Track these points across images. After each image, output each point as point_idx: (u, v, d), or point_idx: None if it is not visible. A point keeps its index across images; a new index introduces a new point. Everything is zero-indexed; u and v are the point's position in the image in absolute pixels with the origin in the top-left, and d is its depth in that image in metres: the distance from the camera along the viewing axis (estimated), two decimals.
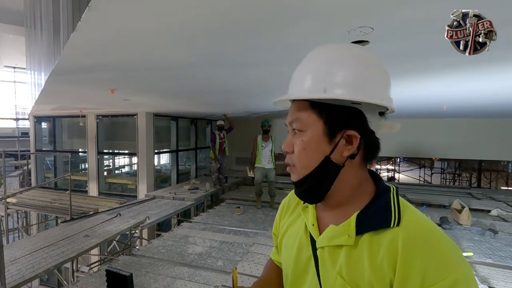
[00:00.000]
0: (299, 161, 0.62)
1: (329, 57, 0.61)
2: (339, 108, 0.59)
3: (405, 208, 0.58)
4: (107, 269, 1.62)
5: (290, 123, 0.65)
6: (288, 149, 0.65)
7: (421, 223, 0.55)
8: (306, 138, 0.61)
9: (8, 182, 9.15)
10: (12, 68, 14.70)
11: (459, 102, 4.61)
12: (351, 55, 0.61)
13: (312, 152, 0.61)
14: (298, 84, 0.63)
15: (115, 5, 1.34)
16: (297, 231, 0.72)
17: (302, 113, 0.62)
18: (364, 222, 0.58)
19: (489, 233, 3.93)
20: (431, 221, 0.57)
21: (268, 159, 5.41)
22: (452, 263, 0.50)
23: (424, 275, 0.49)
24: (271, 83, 3.28)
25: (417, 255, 0.50)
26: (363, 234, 0.57)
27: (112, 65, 2.53)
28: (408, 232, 0.53)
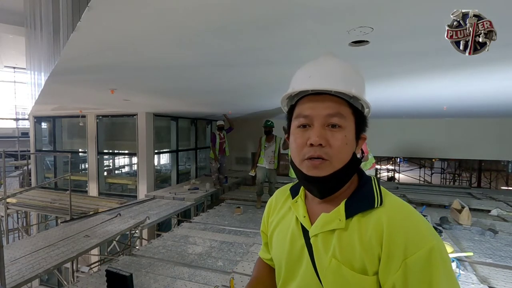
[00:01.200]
0: (339, 155, 0.65)
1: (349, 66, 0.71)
2: (361, 113, 0.70)
3: (385, 193, 0.67)
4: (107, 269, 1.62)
5: (328, 116, 0.65)
6: (324, 141, 0.64)
7: (400, 203, 0.65)
8: (347, 134, 0.66)
9: (8, 182, 9.15)
10: (12, 68, 14.70)
11: (459, 102, 4.61)
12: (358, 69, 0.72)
13: (349, 148, 0.67)
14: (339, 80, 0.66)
15: (115, 5, 1.34)
16: (288, 225, 0.76)
17: (344, 109, 0.66)
18: (352, 207, 0.66)
19: (489, 233, 3.93)
20: (407, 203, 0.67)
21: (270, 160, 5.42)
22: (428, 235, 0.59)
23: (406, 247, 0.57)
24: (271, 83, 3.28)
25: (399, 230, 0.59)
26: (353, 217, 0.65)
27: (112, 65, 2.52)
28: (390, 212, 0.62)
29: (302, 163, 0.67)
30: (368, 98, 0.70)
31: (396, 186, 7.81)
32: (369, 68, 2.54)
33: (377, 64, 2.39)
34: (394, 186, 7.84)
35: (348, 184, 0.69)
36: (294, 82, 0.72)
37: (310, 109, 0.66)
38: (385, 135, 8.22)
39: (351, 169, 0.67)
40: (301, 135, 0.67)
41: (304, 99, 0.69)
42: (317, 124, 0.65)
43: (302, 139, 0.67)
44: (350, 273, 0.62)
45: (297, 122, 0.69)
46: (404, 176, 15.72)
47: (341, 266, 0.63)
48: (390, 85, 3.33)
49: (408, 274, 0.57)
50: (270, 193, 5.54)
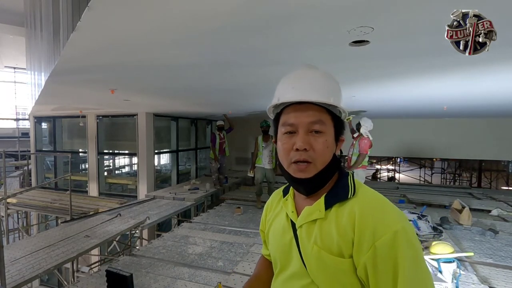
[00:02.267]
0: (321, 158, 0.74)
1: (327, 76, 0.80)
2: (339, 118, 0.79)
3: (359, 185, 0.75)
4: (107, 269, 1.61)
5: (310, 124, 0.74)
6: (308, 146, 0.73)
7: (371, 194, 0.73)
8: (328, 138, 0.75)
9: (8, 183, 9.17)
10: (12, 69, 14.72)
11: (459, 102, 4.61)
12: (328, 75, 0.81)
13: (330, 150, 0.76)
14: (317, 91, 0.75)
15: (115, 5, 1.34)
16: (280, 220, 0.86)
17: (324, 116, 0.75)
18: (330, 199, 0.74)
19: (490, 233, 3.93)
20: (379, 193, 0.74)
21: (268, 160, 5.42)
22: (394, 220, 0.66)
23: (374, 231, 0.65)
24: (271, 83, 3.28)
25: (369, 217, 0.66)
26: (331, 208, 0.73)
27: (112, 65, 2.53)
28: (362, 201, 0.71)
29: (289, 166, 0.76)
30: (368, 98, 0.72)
31: (396, 186, 7.81)
32: (369, 68, 2.54)
33: (377, 64, 2.39)
34: (394, 186, 7.84)
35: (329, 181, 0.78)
36: (279, 93, 0.80)
37: (295, 117, 0.75)
38: (385, 135, 8.22)
39: (332, 168, 0.77)
40: (288, 141, 0.76)
41: (289, 108, 0.77)
42: (301, 131, 0.74)
43: (289, 144, 0.75)
44: (329, 257, 0.70)
45: (284, 129, 0.77)
46: (404, 176, 15.72)
47: (321, 251, 0.71)
48: (390, 85, 3.33)
49: (376, 256, 0.63)
50: (269, 193, 5.52)
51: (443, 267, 2.59)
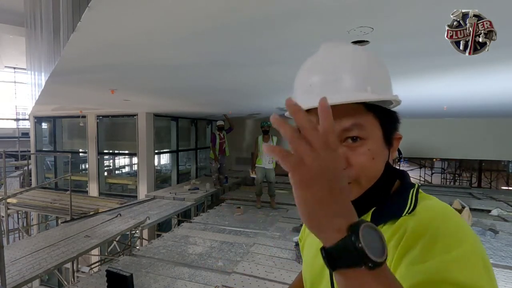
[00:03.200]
0: (368, 173, 0.53)
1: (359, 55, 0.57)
2: (388, 111, 0.58)
3: (422, 199, 0.55)
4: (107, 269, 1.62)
5: (342, 132, 0.53)
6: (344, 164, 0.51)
7: (438, 204, 0.53)
8: (372, 146, 0.53)
9: (9, 183, 9.16)
10: (13, 69, 14.73)
11: (459, 102, 4.61)
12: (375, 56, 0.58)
13: (380, 161, 0.55)
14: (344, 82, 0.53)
15: (115, 6, 1.34)
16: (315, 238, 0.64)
17: (362, 117, 0.53)
18: (379, 215, 0.54)
19: (490, 233, 3.93)
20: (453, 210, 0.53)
21: (269, 160, 5.42)
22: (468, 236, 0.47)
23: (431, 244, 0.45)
24: (271, 83, 3.28)
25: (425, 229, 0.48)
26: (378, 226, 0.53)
27: (112, 65, 2.53)
28: (419, 215, 0.51)
29: None
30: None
31: None
32: None
33: None
34: None
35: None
36: (295, 90, 0.60)
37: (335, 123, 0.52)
38: None
39: (386, 182, 0.56)
40: None
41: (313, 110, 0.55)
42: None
43: None
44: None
45: None
46: None
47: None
48: None
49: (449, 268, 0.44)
50: (270, 193, 5.54)
51: None
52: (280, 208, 5.56)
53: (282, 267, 3.11)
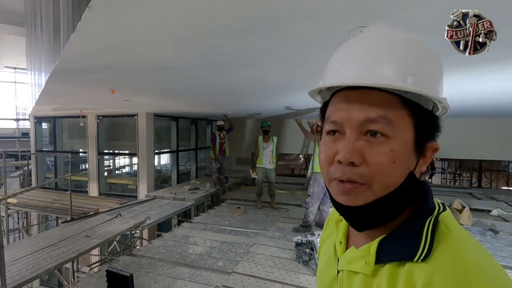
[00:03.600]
0: (381, 178, 0.45)
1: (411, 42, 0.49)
2: (430, 114, 0.48)
3: (443, 238, 0.43)
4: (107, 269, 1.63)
5: (365, 122, 0.46)
6: (357, 159, 0.45)
7: (458, 260, 0.40)
8: (397, 147, 0.45)
9: (9, 183, 9.18)
10: (13, 69, 14.73)
11: (459, 102, 4.61)
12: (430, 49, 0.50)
13: (401, 167, 0.46)
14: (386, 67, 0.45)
15: (115, 6, 1.34)
16: (329, 247, 0.62)
17: (393, 111, 0.45)
18: (387, 249, 0.46)
19: (490, 233, 3.93)
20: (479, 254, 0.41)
21: (269, 160, 5.42)
22: None
23: None
24: (271, 83, 3.28)
25: None
26: (385, 264, 0.46)
27: (112, 65, 2.53)
28: (436, 270, 0.40)
29: (330, 183, 0.49)
30: None
31: None
32: None
33: None
34: None
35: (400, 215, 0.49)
36: (327, 71, 0.53)
37: (342, 110, 0.48)
38: None
39: (404, 196, 0.47)
40: (330, 146, 0.49)
41: (339, 94, 0.49)
42: (349, 132, 0.47)
43: (330, 150, 0.48)
44: None
45: (327, 127, 0.50)
46: None
47: None
48: None
49: None
50: (270, 193, 5.54)
51: None
52: (280, 208, 5.56)
53: (282, 267, 3.11)
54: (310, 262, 3.09)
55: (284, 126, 8.99)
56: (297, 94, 4.02)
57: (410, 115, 0.46)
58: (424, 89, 0.45)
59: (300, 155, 14.92)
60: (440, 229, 0.44)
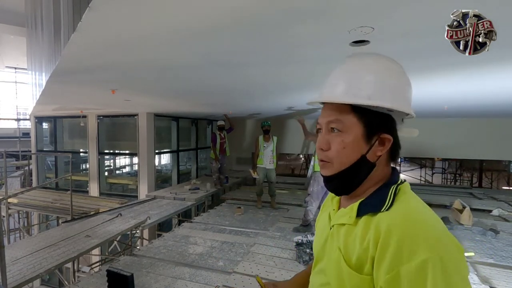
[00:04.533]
0: (337, 158, 0.69)
1: (369, 68, 0.70)
2: (376, 114, 0.68)
3: (401, 197, 0.66)
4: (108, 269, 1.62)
5: (328, 123, 0.71)
6: (324, 146, 0.71)
7: (408, 210, 0.62)
8: (347, 138, 0.68)
9: (9, 183, 9.18)
10: (13, 69, 14.73)
11: (460, 102, 4.60)
12: (386, 67, 0.72)
13: (350, 151, 0.68)
14: (338, 88, 0.70)
15: (116, 6, 1.34)
16: (326, 216, 0.83)
17: (344, 115, 0.69)
18: (364, 207, 0.68)
19: (491, 233, 3.93)
20: (426, 210, 0.63)
21: (270, 160, 5.43)
22: (423, 247, 0.55)
23: (398, 254, 0.56)
24: (271, 83, 3.28)
25: (394, 238, 0.57)
26: (362, 217, 0.67)
27: (112, 66, 2.53)
28: (393, 217, 0.61)
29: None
30: None
31: None
32: None
33: None
34: None
35: (373, 185, 0.70)
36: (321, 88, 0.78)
37: (321, 116, 0.74)
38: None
39: (358, 171, 0.69)
40: (318, 139, 0.75)
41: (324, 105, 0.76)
42: (323, 130, 0.73)
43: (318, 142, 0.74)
44: (346, 269, 0.65)
45: (317, 126, 0.77)
46: (405, 176, 15.70)
47: (341, 259, 0.67)
48: None
49: (400, 284, 0.55)
50: (270, 192, 5.54)
51: None
52: (280, 208, 5.56)
53: (283, 267, 3.11)
54: (310, 262, 3.09)
55: (284, 126, 8.99)
56: (298, 94, 4.02)
57: (357, 116, 0.68)
58: (360, 99, 0.66)
59: (300, 155, 14.93)
60: (400, 193, 0.67)
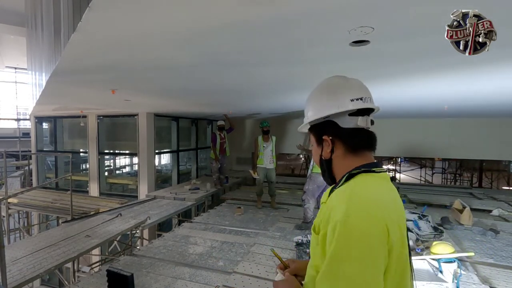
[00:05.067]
0: (316, 161, 1.01)
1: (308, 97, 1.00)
2: (317, 125, 0.95)
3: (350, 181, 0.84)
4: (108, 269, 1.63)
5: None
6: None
7: (344, 189, 0.82)
8: (313, 147, 0.99)
9: (10, 183, 9.17)
10: (13, 69, 14.73)
11: (460, 102, 4.60)
12: (316, 89, 0.98)
13: (316, 155, 0.99)
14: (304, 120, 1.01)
15: (116, 6, 1.34)
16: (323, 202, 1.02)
17: (311, 135, 1.00)
18: (332, 189, 0.90)
19: (491, 233, 3.93)
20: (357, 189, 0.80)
21: (270, 160, 5.42)
22: (341, 211, 0.74)
23: (331, 215, 0.76)
24: (272, 83, 3.28)
25: (330, 206, 0.81)
26: (330, 195, 0.87)
27: (113, 66, 2.53)
28: (335, 193, 0.84)
29: None
30: None
31: (397, 186, 7.80)
32: (370, 68, 2.54)
33: (378, 64, 2.39)
34: (395, 186, 7.79)
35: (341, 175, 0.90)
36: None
37: None
38: (386, 135, 8.20)
39: (323, 167, 0.96)
40: None
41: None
42: None
43: None
44: (312, 233, 0.88)
45: None
46: (405, 176, 15.68)
47: (313, 226, 0.88)
48: (391, 84, 3.33)
49: (326, 238, 0.77)
50: (270, 192, 5.54)
51: (444, 267, 2.59)
52: (280, 208, 5.56)
53: None
54: None
55: (284, 126, 8.99)
56: (298, 94, 4.02)
57: (312, 132, 0.98)
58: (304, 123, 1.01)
59: (300, 155, 14.92)
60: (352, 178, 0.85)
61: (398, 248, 0.73)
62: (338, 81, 0.95)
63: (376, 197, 0.77)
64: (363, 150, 0.88)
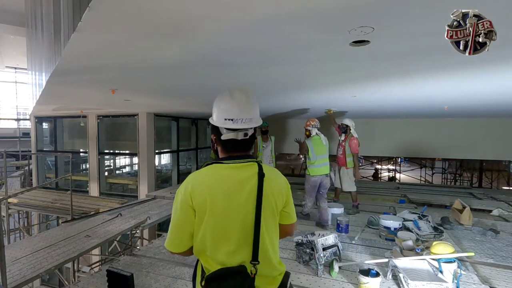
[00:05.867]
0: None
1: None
2: (212, 126, 1.23)
3: (205, 167, 1.22)
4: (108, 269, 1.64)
5: None
6: None
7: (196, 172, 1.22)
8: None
9: (10, 183, 9.17)
10: (13, 69, 14.74)
11: (460, 102, 4.60)
12: (216, 97, 1.23)
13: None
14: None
15: (115, 6, 1.34)
16: None
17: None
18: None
19: (491, 233, 3.92)
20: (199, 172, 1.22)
21: (269, 160, 5.43)
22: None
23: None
24: (271, 83, 3.28)
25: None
26: None
27: (112, 65, 2.53)
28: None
29: None
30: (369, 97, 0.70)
31: (397, 186, 7.79)
32: (370, 68, 2.54)
33: (378, 64, 2.39)
34: (395, 186, 7.82)
35: None
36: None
37: None
38: (386, 135, 8.21)
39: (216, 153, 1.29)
40: None
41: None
42: None
43: None
44: None
45: None
46: (405, 176, 15.69)
47: None
48: (391, 84, 3.33)
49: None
50: None
51: (444, 267, 2.59)
52: None
53: None
54: (310, 262, 3.09)
55: (284, 126, 8.99)
56: (297, 93, 4.02)
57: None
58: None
59: (300, 155, 14.89)
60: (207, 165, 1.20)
61: (203, 209, 1.09)
62: (224, 98, 1.18)
63: (196, 177, 1.16)
64: (230, 151, 1.20)
